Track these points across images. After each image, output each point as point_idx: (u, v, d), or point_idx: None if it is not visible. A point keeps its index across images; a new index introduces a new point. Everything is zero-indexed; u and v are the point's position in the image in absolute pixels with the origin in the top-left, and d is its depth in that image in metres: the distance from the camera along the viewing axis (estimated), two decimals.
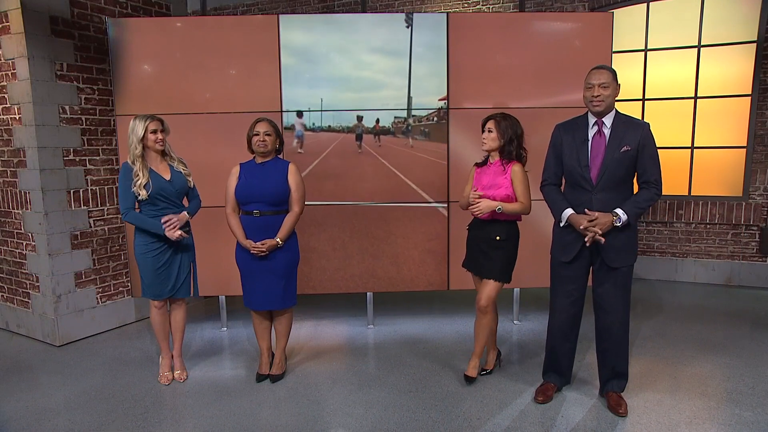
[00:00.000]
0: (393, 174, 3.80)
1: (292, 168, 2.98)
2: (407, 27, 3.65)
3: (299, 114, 3.38)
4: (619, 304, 2.66)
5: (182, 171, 3.01)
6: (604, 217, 2.52)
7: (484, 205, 2.80)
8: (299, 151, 3.58)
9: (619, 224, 2.52)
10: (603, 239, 2.54)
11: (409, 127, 3.77)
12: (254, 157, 3.00)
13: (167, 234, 2.88)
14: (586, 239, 2.56)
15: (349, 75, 3.68)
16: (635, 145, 2.52)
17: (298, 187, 2.97)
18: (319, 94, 3.69)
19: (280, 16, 3.72)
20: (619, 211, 2.52)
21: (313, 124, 3.73)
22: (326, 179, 3.79)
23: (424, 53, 3.70)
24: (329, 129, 3.68)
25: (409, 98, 3.71)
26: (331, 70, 3.73)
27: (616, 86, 2.56)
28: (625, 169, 2.55)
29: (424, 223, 3.89)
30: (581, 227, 2.56)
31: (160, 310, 3.08)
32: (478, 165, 3.01)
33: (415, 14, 3.75)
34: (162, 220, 2.89)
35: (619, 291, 2.65)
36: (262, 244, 2.88)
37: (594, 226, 2.52)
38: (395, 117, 3.76)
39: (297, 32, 3.60)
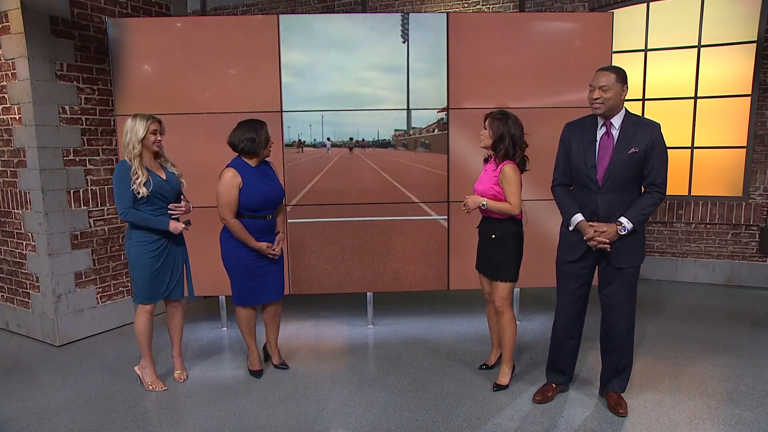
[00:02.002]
0: (394, 177, 3.90)
1: (276, 169, 3.18)
2: (403, 42, 3.73)
3: (328, 139, 3.84)
4: (625, 304, 2.66)
5: (175, 172, 3.00)
6: (610, 229, 2.54)
7: (470, 200, 2.88)
8: (327, 155, 3.90)
9: (624, 233, 2.52)
10: (609, 247, 2.56)
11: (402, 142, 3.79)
12: (239, 157, 2.99)
13: (171, 228, 2.88)
14: (589, 243, 2.59)
15: (349, 91, 3.81)
16: (644, 146, 2.49)
17: (282, 185, 3.20)
18: (320, 111, 3.82)
19: (280, 16, 3.72)
20: (623, 220, 2.52)
21: (314, 140, 3.84)
22: (332, 184, 3.91)
23: (422, 67, 3.76)
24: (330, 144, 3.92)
25: (408, 111, 3.81)
26: (331, 87, 3.79)
27: (622, 87, 2.52)
28: (633, 171, 2.52)
29: (425, 222, 3.90)
30: (586, 237, 2.59)
31: (151, 315, 3.02)
32: (485, 161, 3.01)
33: (411, 14, 3.76)
34: (171, 206, 2.91)
35: (625, 291, 2.65)
36: (277, 244, 3.08)
37: (600, 236, 2.54)
38: (395, 130, 3.85)
39: (297, 53, 3.75)
